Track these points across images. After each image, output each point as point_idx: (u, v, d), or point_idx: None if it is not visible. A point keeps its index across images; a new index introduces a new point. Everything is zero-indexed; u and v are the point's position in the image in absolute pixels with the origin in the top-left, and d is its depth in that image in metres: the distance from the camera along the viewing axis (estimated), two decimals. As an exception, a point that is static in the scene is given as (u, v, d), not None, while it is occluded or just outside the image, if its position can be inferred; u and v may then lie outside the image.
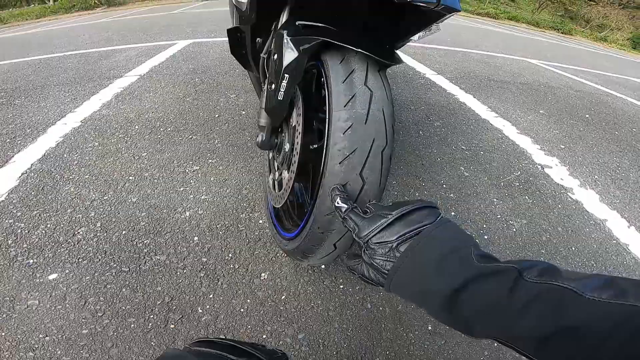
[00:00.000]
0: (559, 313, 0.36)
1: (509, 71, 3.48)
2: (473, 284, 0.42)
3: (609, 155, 1.92)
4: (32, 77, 2.53)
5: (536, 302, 0.38)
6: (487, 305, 0.41)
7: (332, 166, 0.65)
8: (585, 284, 0.37)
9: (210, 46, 3.31)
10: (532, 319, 0.37)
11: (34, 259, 0.99)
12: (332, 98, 0.67)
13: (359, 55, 0.69)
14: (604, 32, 14.92)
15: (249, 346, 0.49)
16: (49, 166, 1.40)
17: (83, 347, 0.78)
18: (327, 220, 0.69)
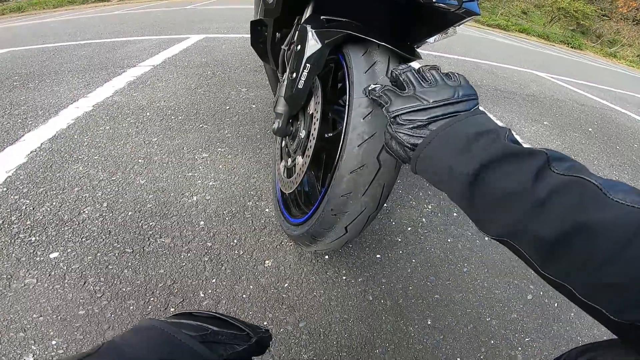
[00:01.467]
0: (579, 208, 0.33)
1: (516, 82, 3.50)
2: (498, 163, 0.40)
3: (609, 169, 1.94)
4: (47, 63, 2.56)
5: (558, 195, 0.35)
6: (508, 190, 0.38)
7: (350, 149, 0.67)
8: (612, 185, 0.34)
9: (223, 41, 3.34)
10: (551, 213, 0.35)
11: (37, 236, 0.99)
12: (353, 86, 0.69)
13: (381, 49, 0.72)
14: (614, 47, 14.92)
15: (231, 319, 0.48)
16: (58, 146, 1.41)
17: (78, 328, 0.77)
18: (341, 201, 0.70)
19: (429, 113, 0.50)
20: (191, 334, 0.41)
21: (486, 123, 0.47)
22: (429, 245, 1.13)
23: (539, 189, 0.36)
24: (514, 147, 0.40)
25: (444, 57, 4.13)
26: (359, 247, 1.07)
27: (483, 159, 0.40)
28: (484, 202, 0.41)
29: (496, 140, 0.42)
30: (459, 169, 0.42)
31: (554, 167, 0.37)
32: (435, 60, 3.85)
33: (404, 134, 0.50)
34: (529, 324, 0.93)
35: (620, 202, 0.32)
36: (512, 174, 0.38)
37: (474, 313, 0.93)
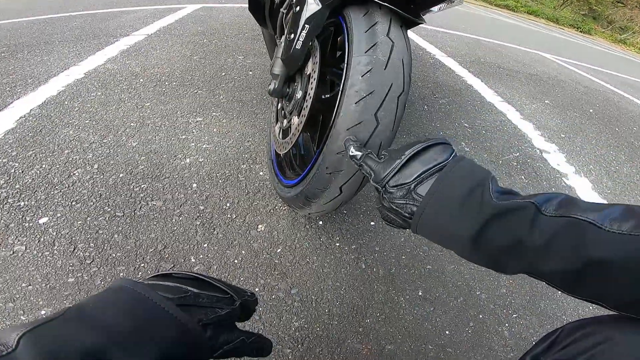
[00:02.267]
0: (580, 248, 0.36)
1: (520, 61, 3.42)
2: (493, 224, 0.42)
3: (607, 149, 1.92)
4: (37, 34, 2.47)
5: (557, 238, 0.37)
6: (510, 243, 0.41)
7: (347, 106, 0.66)
8: (604, 215, 0.36)
9: (220, 11, 3.24)
10: (555, 256, 0.37)
11: (26, 201, 0.96)
12: (352, 45, 0.68)
13: (383, 10, 0.70)
14: (625, 34, 14.60)
15: (213, 280, 0.44)
16: (48, 111, 1.37)
17: (67, 297, 0.75)
18: (336, 159, 0.69)
19: (411, 171, 0.51)
20: (168, 296, 0.38)
21: (470, 174, 0.48)
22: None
23: (537, 236, 0.39)
24: (503, 205, 0.43)
25: (448, 32, 4.03)
26: (353, 214, 1.06)
27: (479, 223, 0.43)
28: (489, 256, 0.44)
29: (485, 196, 0.44)
30: (459, 233, 0.45)
31: (545, 210, 0.40)
32: (438, 35, 3.76)
33: (400, 202, 0.51)
34: (517, 300, 0.93)
35: (616, 232, 0.34)
36: (509, 229, 0.41)
37: (464, 286, 0.93)
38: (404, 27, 0.72)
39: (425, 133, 1.60)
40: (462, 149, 1.52)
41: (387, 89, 0.65)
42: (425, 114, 1.79)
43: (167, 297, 0.37)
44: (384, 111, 0.66)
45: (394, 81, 0.66)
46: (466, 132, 1.69)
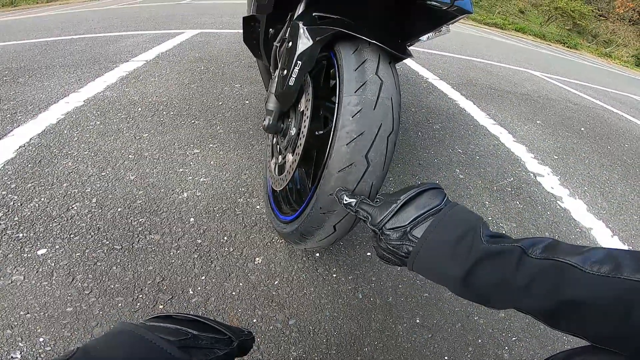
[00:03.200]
0: (559, 288, 0.39)
1: (511, 81, 3.51)
2: (482, 265, 0.46)
3: (600, 169, 1.95)
4: (38, 58, 2.52)
5: (538, 279, 0.41)
6: (496, 283, 0.45)
7: (339, 147, 0.67)
8: (586, 258, 0.39)
9: (218, 37, 3.31)
10: (535, 295, 0.41)
11: (24, 233, 0.97)
12: (343, 84, 0.69)
13: (372, 47, 0.72)
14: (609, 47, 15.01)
15: (212, 322, 0.46)
16: (48, 141, 1.39)
17: (65, 325, 0.77)
18: (329, 200, 0.70)
19: (407, 215, 0.55)
20: (169, 338, 0.39)
21: (462, 220, 0.52)
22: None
23: (520, 277, 0.42)
24: (493, 248, 0.47)
25: (440, 54, 4.13)
26: (349, 245, 1.07)
27: (469, 264, 0.47)
28: (478, 294, 0.48)
29: (475, 240, 0.49)
30: (452, 273, 0.49)
31: (531, 253, 0.44)
32: (430, 57, 3.86)
33: (396, 243, 0.55)
34: (516, 323, 0.94)
35: (596, 274, 0.37)
36: (496, 270, 0.45)
37: (462, 312, 0.94)
38: (392, 63, 0.74)
39: (420, 161, 1.62)
40: (456, 176, 1.55)
41: (377, 129, 0.67)
42: (420, 140, 1.82)
43: (169, 339, 0.39)
44: (374, 152, 0.67)
45: (383, 121, 0.67)
46: (460, 158, 1.71)
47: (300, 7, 0.83)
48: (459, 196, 1.41)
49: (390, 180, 1.41)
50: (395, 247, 0.55)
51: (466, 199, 1.40)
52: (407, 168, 1.53)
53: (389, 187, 1.37)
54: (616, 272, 0.36)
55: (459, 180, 1.52)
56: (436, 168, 1.58)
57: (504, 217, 1.34)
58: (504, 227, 1.28)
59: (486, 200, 1.42)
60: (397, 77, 0.73)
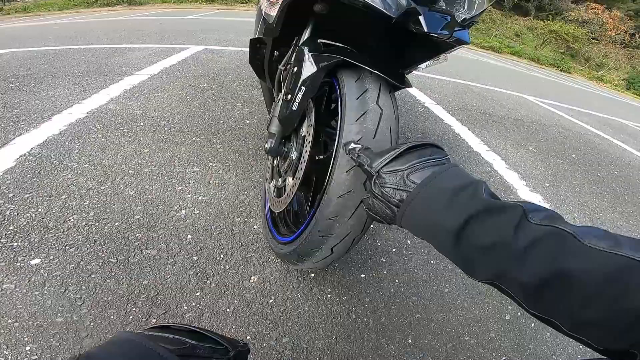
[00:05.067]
0: (557, 256, 0.37)
1: (505, 106, 3.60)
2: (479, 218, 0.43)
3: (590, 196, 2.00)
4: (45, 67, 2.56)
5: (537, 245, 0.38)
6: (491, 241, 0.41)
7: (338, 175, 0.69)
8: (586, 231, 0.37)
9: (221, 54, 3.38)
10: (532, 261, 0.38)
11: (19, 242, 0.98)
12: (344, 112, 0.72)
13: (373, 76, 0.75)
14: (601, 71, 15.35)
15: (209, 332, 0.48)
16: (48, 152, 1.41)
17: (54, 335, 0.77)
18: (328, 223, 0.72)
19: (407, 160, 0.53)
20: (169, 347, 0.41)
21: (464, 176, 0.50)
22: (413, 266, 1.15)
23: (520, 239, 0.39)
24: (493, 202, 0.44)
25: (437, 78, 4.24)
26: (344, 267, 1.09)
27: (467, 214, 0.43)
28: (469, 253, 0.44)
29: (476, 194, 0.46)
30: (445, 224, 0.45)
31: (531, 218, 0.41)
32: (427, 81, 3.95)
33: (390, 189, 0.52)
34: (506, 343, 0.95)
35: (594, 247, 0.35)
36: (494, 227, 0.42)
37: (453, 332, 0.95)
38: (392, 93, 0.77)
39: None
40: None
41: None
42: (415, 165, 1.86)
43: (169, 348, 0.41)
44: None
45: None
46: (454, 183, 1.74)
47: (306, 33, 0.86)
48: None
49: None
50: (388, 194, 0.51)
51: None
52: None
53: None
54: (616, 248, 0.34)
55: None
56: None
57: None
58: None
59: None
60: (396, 106, 0.76)
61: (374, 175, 0.55)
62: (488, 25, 16.52)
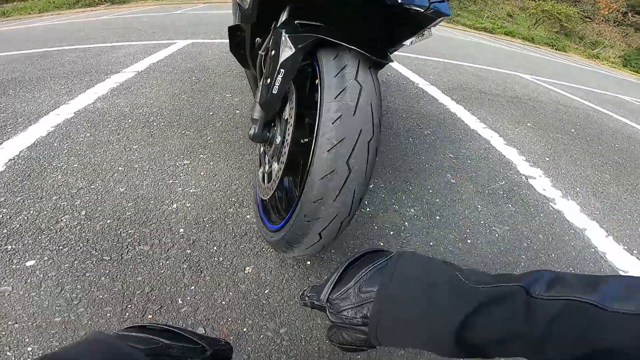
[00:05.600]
0: (587, 335, 0.32)
1: (501, 85, 3.56)
2: (479, 315, 0.38)
3: (591, 169, 1.97)
4: (29, 69, 2.52)
5: (558, 326, 0.34)
6: (503, 336, 0.36)
7: (320, 154, 0.67)
8: (603, 294, 0.33)
9: (209, 47, 3.34)
10: (558, 346, 0.34)
11: (13, 245, 0.97)
12: (324, 91, 0.70)
13: (352, 52, 0.73)
14: (597, 49, 15.25)
15: (185, 331, 0.47)
16: (37, 154, 1.39)
17: (53, 335, 0.77)
18: (313, 207, 0.70)
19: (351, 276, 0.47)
20: (139, 346, 0.40)
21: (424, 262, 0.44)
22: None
23: (536, 326, 0.35)
24: (488, 292, 0.39)
25: (430, 60, 4.19)
26: (340, 252, 1.08)
27: (463, 314, 0.38)
28: (480, 348, 0.38)
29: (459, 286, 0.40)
30: (438, 330, 0.39)
31: (534, 293, 0.36)
32: (421, 63, 3.90)
33: (348, 311, 0.45)
34: None
35: (621, 313, 0.32)
36: (501, 320, 0.37)
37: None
38: (372, 69, 0.75)
39: (411, 167, 1.63)
40: (447, 181, 1.56)
41: (357, 135, 0.67)
42: (411, 146, 1.84)
43: (138, 347, 0.40)
44: (355, 158, 0.67)
45: (363, 127, 0.67)
46: (451, 163, 1.73)
47: (283, 15, 0.84)
48: (451, 200, 1.42)
49: (381, 187, 1.42)
50: (349, 316, 0.45)
51: (458, 204, 1.41)
52: (398, 174, 1.54)
53: (380, 194, 1.38)
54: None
55: (450, 185, 1.53)
56: (427, 173, 1.59)
57: (497, 221, 1.35)
58: (497, 231, 1.29)
59: (478, 204, 1.43)
60: (377, 82, 0.74)
61: (326, 307, 0.49)
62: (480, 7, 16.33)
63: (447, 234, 1.23)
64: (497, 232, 1.29)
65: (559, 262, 1.21)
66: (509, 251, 1.21)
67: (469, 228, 1.28)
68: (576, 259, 1.24)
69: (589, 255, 1.27)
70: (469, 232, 1.26)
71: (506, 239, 1.27)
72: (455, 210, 1.37)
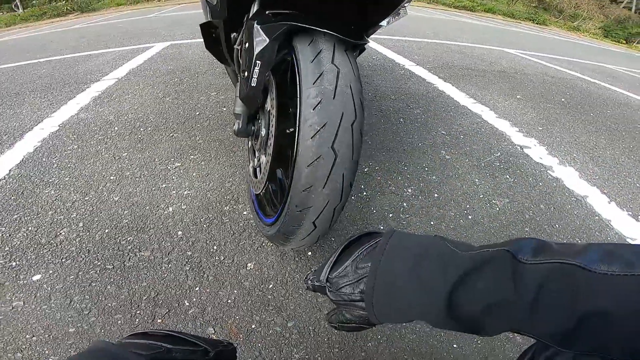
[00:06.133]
0: (577, 297, 0.32)
1: (487, 60, 3.55)
2: (467, 281, 0.38)
3: (586, 135, 1.98)
4: (6, 85, 2.47)
5: (547, 288, 0.34)
6: (491, 302, 0.36)
7: (304, 142, 0.67)
8: (588, 258, 0.33)
9: (189, 47, 3.28)
10: (549, 310, 0.33)
11: (17, 261, 0.98)
12: (301, 77, 0.69)
13: (327, 37, 0.72)
14: (577, 21, 15.27)
15: (187, 335, 0.48)
16: (27, 171, 1.37)
17: (70, 345, 0.78)
18: (303, 196, 0.70)
19: (348, 255, 0.48)
20: (141, 352, 0.41)
21: (413, 236, 0.45)
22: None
23: (523, 291, 0.34)
24: (474, 256, 0.39)
25: (414, 41, 4.16)
26: (341, 239, 1.08)
27: (451, 282, 0.38)
28: (470, 318, 0.38)
29: (447, 251, 0.41)
30: (429, 299, 0.39)
31: (522, 258, 0.36)
32: (405, 44, 3.88)
33: (346, 287, 0.46)
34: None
35: (609, 274, 0.31)
36: (488, 286, 0.37)
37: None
38: (349, 52, 0.74)
39: (404, 147, 1.63)
40: (442, 157, 1.56)
41: (339, 119, 0.66)
42: (402, 126, 1.83)
43: (140, 353, 0.40)
44: (339, 142, 0.66)
45: (344, 110, 0.67)
46: (445, 140, 1.73)
47: (254, 7, 0.82)
48: (447, 177, 1.42)
49: (376, 170, 1.42)
50: (348, 292, 0.46)
51: (455, 180, 1.41)
52: (392, 155, 1.54)
53: (375, 177, 1.38)
54: (629, 269, 0.31)
55: (445, 161, 1.54)
56: (421, 152, 1.59)
57: (496, 193, 1.35)
58: (497, 204, 1.29)
59: (475, 177, 1.43)
60: (355, 64, 0.73)
61: (325, 286, 0.50)
62: (458, -15, 16.19)
63: (447, 211, 1.23)
64: (498, 205, 1.30)
65: (564, 233, 1.21)
66: (511, 224, 1.21)
67: (469, 203, 1.29)
68: (581, 228, 1.24)
69: (594, 224, 1.27)
70: (469, 208, 1.26)
71: (507, 211, 1.27)
72: (453, 186, 1.37)
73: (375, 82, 2.48)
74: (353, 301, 0.46)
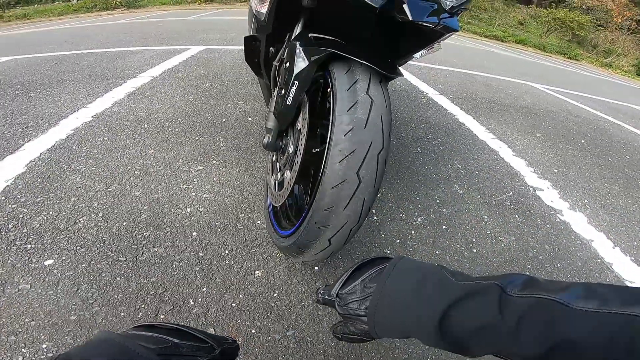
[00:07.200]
0: (552, 328, 0.36)
1: (511, 94, 3.55)
2: (458, 306, 0.42)
3: (601, 181, 1.96)
4: (50, 72, 2.61)
5: (527, 319, 0.38)
6: (478, 326, 0.40)
7: (332, 164, 0.70)
8: (569, 294, 0.37)
9: (222, 53, 3.39)
10: (526, 337, 0.38)
11: (32, 244, 1.01)
12: (336, 103, 0.73)
13: (363, 66, 0.76)
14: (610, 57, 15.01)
15: (194, 330, 0.48)
16: (57, 156, 1.44)
17: (68, 332, 0.80)
18: (324, 214, 0.73)
19: (359, 274, 0.53)
20: (150, 346, 0.41)
21: (418, 264, 0.50)
22: (417, 257, 1.16)
23: (506, 317, 0.39)
24: (467, 286, 0.43)
25: (440, 69, 4.20)
26: (347, 259, 1.10)
27: (442, 307, 0.42)
28: (457, 339, 0.43)
29: (444, 279, 0.45)
30: (421, 320, 0.44)
31: (510, 291, 0.41)
32: (431, 72, 3.92)
33: (353, 303, 0.51)
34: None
35: (584, 310, 0.35)
36: (476, 311, 0.41)
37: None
38: (383, 83, 0.77)
39: (419, 177, 1.65)
40: (455, 191, 1.58)
41: (368, 147, 0.70)
42: (419, 156, 1.85)
43: (149, 347, 0.41)
44: (365, 169, 0.70)
45: (373, 139, 0.70)
46: (459, 174, 1.74)
47: (297, 28, 0.87)
48: (457, 211, 1.43)
49: (389, 197, 1.44)
50: (354, 307, 0.51)
51: (465, 214, 1.42)
52: (406, 184, 1.56)
53: (387, 203, 1.40)
54: (604, 307, 0.35)
55: (457, 195, 1.55)
56: (435, 184, 1.60)
57: (503, 231, 1.35)
58: (502, 241, 1.30)
59: (485, 214, 1.44)
60: (387, 96, 0.77)
61: (335, 300, 0.55)
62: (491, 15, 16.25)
63: (453, 242, 1.25)
64: (503, 241, 1.30)
65: (565, 272, 1.21)
66: (514, 260, 1.22)
67: (475, 237, 1.29)
68: (582, 269, 1.24)
69: (595, 266, 1.27)
70: (475, 242, 1.27)
71: (512, 248, 1.28)
72: (462, 220, 1.38)
73: (397, 108, 2.52)
74: (358, 316, 0.51)
